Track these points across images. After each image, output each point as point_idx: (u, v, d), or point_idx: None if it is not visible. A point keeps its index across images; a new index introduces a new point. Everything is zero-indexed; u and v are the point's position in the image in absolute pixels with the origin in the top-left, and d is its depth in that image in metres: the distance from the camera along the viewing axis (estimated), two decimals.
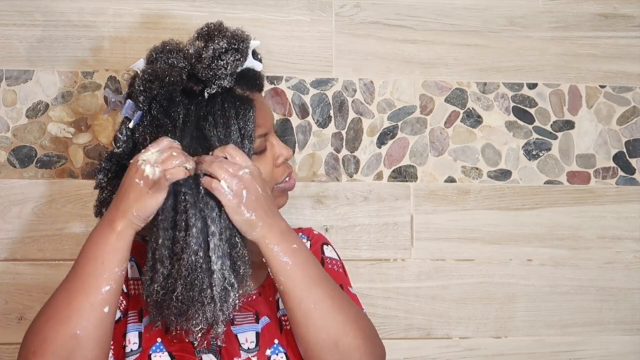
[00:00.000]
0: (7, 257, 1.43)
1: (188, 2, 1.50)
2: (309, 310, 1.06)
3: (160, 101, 1.08)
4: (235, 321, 1.14)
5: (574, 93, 1.58)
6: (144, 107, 1.09)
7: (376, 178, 1.53)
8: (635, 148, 1.59)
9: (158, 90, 1.07)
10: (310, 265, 1.08)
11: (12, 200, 1.44)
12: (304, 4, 1.53)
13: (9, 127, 1.45)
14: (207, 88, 1.09)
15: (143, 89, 1.08)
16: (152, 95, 1.08)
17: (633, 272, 1.57)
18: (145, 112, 1.09)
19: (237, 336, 1.13)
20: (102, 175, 1.15)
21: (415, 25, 1.56)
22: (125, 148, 1.12)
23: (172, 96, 1.08)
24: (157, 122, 1.08)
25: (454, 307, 1.53)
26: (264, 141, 1.16)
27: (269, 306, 1.18)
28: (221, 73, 1.09)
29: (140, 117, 1.10)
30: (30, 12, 1.46)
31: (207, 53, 1.09)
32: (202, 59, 1.09)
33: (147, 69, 1.09)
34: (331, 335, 1.06)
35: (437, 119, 1.55)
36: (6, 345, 1.42)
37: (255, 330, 1.14)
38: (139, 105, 1.09)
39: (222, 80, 1.09)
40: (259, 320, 1.16)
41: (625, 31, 1.60)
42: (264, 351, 1.13)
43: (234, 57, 1.10)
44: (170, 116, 1.08)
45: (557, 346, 1.54)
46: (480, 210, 1.54)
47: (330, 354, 1.06)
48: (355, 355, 1.08)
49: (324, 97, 1.52)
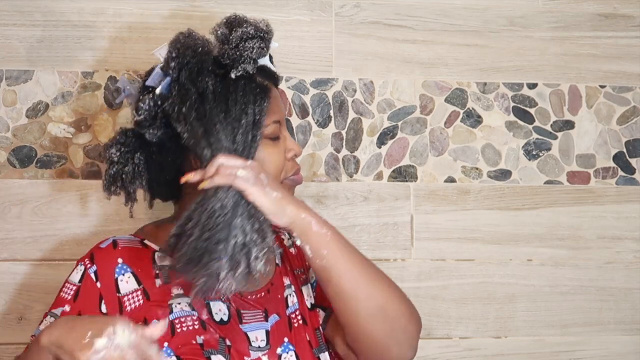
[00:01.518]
0: (7, 257, 1.43)
1: (188, 2, 1.50)
2: (357, 279, 1.07)
3: (191, 69, 1.09)
4: (244, 319, 1.13)
5: (574, 93, 1.58)
6: (173, 74, 1.10)
7: (376, 178, 1.53)
8: (635, 148, 1.59)
9: (190, 59, 1.09)
10: (343, 237, 1.10)
11: (12, 200, 1.44)
12: (304, 4, 1.53)
13: (9, 127, 1.45)
14: (232, 70, 1.11)
15: (175, 55, 1.09)
16: (184, 62, 1.09)
17: (633, 272, 1.57)
18: (174, 81, 1.10)
19: (247, 334, 1.12)
20: (114, 149, 1.15)
21: (415, 25, 1.56)
22: (147, 116, 1.11)
23: (203, 66, 1.10)
24: (184, 90, 1.09)
25: (454, 307, 1.53)
26: (278, 129, 1.17)
27: (278, 303, 1.18)
28: (247, 55, 1.12)
29: (168, 85, 1.11)
30: (30, 12, 1.46)
31: (236, 34, 1.13)
32: (230, 40, 1.13)
33: (179, 40, 1.12)
34: (379, 302, 1.08)
35: (437, 119, 1.55)
36: (6, 345, 1.42)
37: (265, 329, 1.14)
38: (168, 72, 1.10)
39: (246, 65, 1.12)
40: (268, 318, 1.15)
41: (625, 31, 1.60)
42: (275, 350, 1.12)
43: (259, 44, 1.13)
44: (198, 86, 1.09)
45: (557, 346, 1.54)
46: (480, 210, 1.54)
47: (380, 322, 1.08)
48: (402, 320, 1.10)
49: (324, 97, 1.52)
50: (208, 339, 1.08)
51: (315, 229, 1.07)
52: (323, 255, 1.07)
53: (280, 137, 1.18)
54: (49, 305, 1.41)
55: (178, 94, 1.09)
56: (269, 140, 1.15)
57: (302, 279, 1.24)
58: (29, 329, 1.41)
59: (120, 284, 1.11)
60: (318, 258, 1.07)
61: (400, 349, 1.11)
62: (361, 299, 1.07)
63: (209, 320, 1.10)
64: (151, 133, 1.12)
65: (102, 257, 1.13)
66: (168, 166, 1.17)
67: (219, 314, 1.11)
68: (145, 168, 1.17)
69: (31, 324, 1.41)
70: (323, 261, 1.07)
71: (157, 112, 1.11)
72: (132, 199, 1.19)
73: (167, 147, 1.15)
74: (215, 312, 1.11)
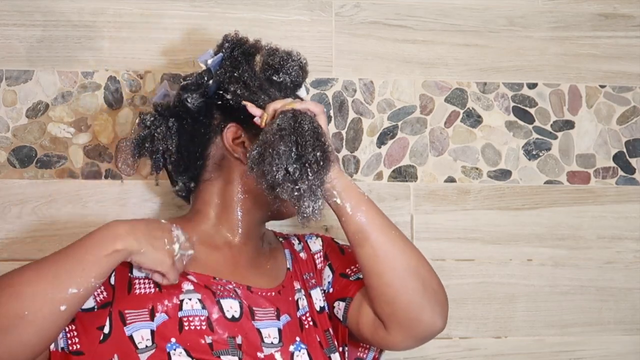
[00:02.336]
0: (7, 257, 1.43)
1: (188, 2, 1.50)
2: (392, 237, 1.13)
3: (244, 50, 1.23)
4: (257, 316, 1.13)
5: (574, 93, 1.58)
6: (226, 52, 1.22)
7: (376, 178, 1.53)
8: (635, 148, 1.59)
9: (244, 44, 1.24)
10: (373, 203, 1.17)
11: (12, 200, 1.44)
12: (304, 4, 1.53)
13: (9, 127, 1.45)
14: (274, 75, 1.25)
15: (231, 39, 1.24)
16: (239, 43, 1.23)
17: (633, 272, 1.57)
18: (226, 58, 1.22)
19: (259, 331, 1.12)
20: (149, 115, 1.22)
21: (415, 25, 1.56)
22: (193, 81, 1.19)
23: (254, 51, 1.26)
24: (236, 62, 1.21)
25: (454, 307, 1.52)
26: None
27: (289, 305, 1.18)
28: (288, 67, 1.25)
29: (220, 60, 1.22)
30: (30, 12, 1.46)
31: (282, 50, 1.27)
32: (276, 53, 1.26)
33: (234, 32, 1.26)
34: (412, 261, 1.13)
35: (437, 119, 1.55)
36: None
37: (277, 327, 1.14)
38: (221, 50, 1.22)
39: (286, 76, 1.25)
40: (280, 317, 1.15)
41: (625, 31, 1.60)
42: (288, 347, 1.12)
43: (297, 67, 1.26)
44: (249, 61, 1.23)
45: (557, 346, 1.54)
46: (480, 210, 1.54)
47: (415, 280, 1.12)
48: (434, 282, 1.15)
49: (324, 97, 1.52)
50: (217, 340, 1.08)
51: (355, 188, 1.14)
52: (363, 211, 1.12)
53: None
54: None
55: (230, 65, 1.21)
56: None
57: (312, 284, 1.25)
58: None
59: (134, 268, 1.11)
60: (358, 213, 1.12)
61: (433, 313, 1.14)
62: (397, 255, 1.12)
63: (220, 319, 1.10)
64: (193, 98, 1.19)
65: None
66: (198, 140, 1.21)
67: (230, 311, 1.11)
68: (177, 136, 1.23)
69: None
70: (362, 217, 1.12)
71: (203, 82, 1.19)
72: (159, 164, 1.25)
73: (201, 121, 1.21)
74: (227, 309, 1.11)
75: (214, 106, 1.21)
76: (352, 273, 1.24)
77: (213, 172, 1.21)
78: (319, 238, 1.32)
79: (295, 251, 1.29)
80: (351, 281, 1.23)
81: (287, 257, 1.26)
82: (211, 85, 1.20)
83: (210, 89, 1.20)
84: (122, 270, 1.10)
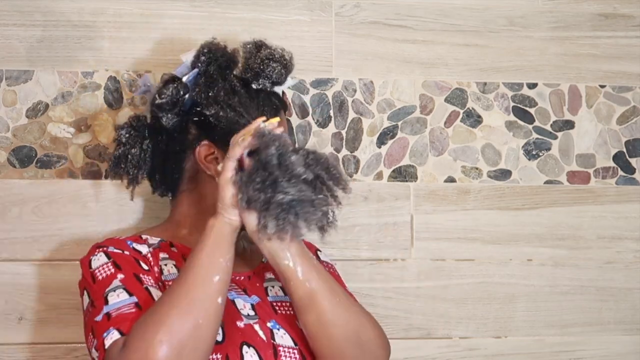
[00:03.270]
0: (7, 257, 1.43)
1: (188, 2, 1.50)
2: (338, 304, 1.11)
3: (220, 64, 1.21)
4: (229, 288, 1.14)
5: (574, 93, 1.58)
6: (202, 67, 1.20)
7: (376, 178, 1.52)
8: (635, 148, 1.59)
9: (220, 56, 1.22)
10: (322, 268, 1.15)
11: (12, 200, 1.44)
12: (304, 4, 1.53)
13: (9, 127, 1.45)
14: (254, 82, 1.23)
15: (207, 51, 1.22)
16: (214, 57, 1.21)
17: (633, 272, 1.57)
18: (202, 73, 1.20)
19: (234, 301, 1.13)
20: (125, 131, 1.23)
21: (415, 25, 1.56)
22: (168, 100, 1.18)
23: (230, 64, 1.23)
24: (211, 80, 1.20)
25: (454, 307, 1.52)
26: None
27: (258, 290, 1.20)
28: (268, 72, 1.23)
29: (195, 76, 1.20)
30: (30, 12, 1.46)
31: (263, 52, 1.25)
32: (257, 56, 1.24)
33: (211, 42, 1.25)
34: (354, 328, 1.12)
35: (437, 119, 1.55)
36: (6, 346, 1.42)
37: (250, 302, 1.15)
38: (197, 65, 1.20)
39: (265, 81, 1.24)
40: (250, 296, 1.17)
41: (625, 31, 1.60)
42: (265, 322, 1.13)
43: (280, 69, 1.25)
44: (226, 78, 1.20)
45: (557, 346, 1.54)
46: (480, 210, 1.54)
47: (354, 347, 1.12)
48: (373, 345, 1.14)
49: (323, 97, 1.52)
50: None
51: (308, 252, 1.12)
52: (314, 278, 1.10)
53: None
54: (50, 305, 1.42)
55: (205, 83, 1.19)
56: None
57: None
58: (29, 329, 1.41)
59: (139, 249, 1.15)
60: (307, 281, 1.09)
61: None
62: (339, 324, 1.11)
63: None
64: (168, 118, 1.20)
65: (107, 241, 1.17)
66: (172, 157, 1.23)
67: None
68: (151, 156, 1.25)
69: (31, 324, 1.42)
70: (312, 284, 1.10)
71: (179, 99, 1.19)
72: (134, 182, 1.27)
73: (175, 138, 1.22)
74: None
75: (189, 121, 1.22)
76: None
77: (189, 184, 1.24)
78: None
79: None
80: None
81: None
82: (187, 101, 1.20)
83: (185, 105, 1.21)
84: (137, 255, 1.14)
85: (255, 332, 1.11)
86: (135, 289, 1.07)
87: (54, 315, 1.41)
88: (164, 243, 1.20)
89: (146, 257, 1.15)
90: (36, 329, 1.42)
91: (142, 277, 1.09)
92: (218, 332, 1.05)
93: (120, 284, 1.07)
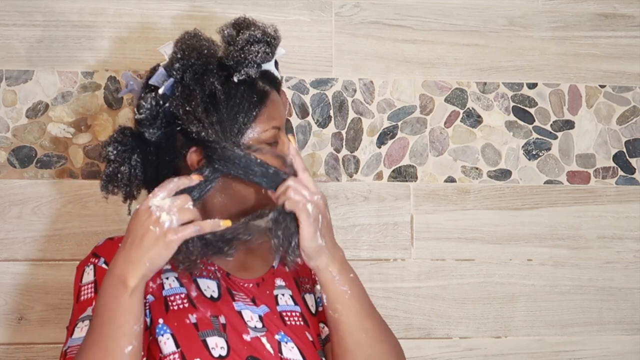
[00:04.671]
0: (7, 257, 1.43)
1: (188, 2, 1.50)
2: (361, 339, 1.09)
3: (195, 71, 1.10)
4: (236, 298, 1.13)
5: (574, 93, 1.58)
6: (177, 75, 1.10)
7: (376, 178, 1.53)
8: (635, 148, 1.59)
9: (195, 61, 1.10)
10: (364, 296, 1.12)
11: (12, 200, 1.44)
12: (304, 4, 1.53)
13: (9, 127, 1.45)
14: (235, 73, 1.12)
15: (180, 56, 1.09)
16: (188, 64, 1.09)
17: (633, 272, 1.57)
18: (178, 82, 1.10)
19: (240, 313, 1.12)
20: (111, 147, 1.15)
21: (415, 25, 1.56)
22: (148, 115, 1.11)
23: (208, 68, 1.11)
24: (188, 91, 1.09)
25: (454, 307, 1.53)
26: (277, 134, 1.17)
27: (268, 298, 1.18)
28: (251, 59, 1.11)
29: (172, 86, 1.11)
30: (30, 12, 1.46)
31: (242, 37, 1.12)
32: (236, 42, 1.12)
33: (185, 41, 1.11)
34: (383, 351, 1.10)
35: (437, 119, 1.55)
36: (6, 345, 1.42)
37: (258, 313, 1.14)
38: (172, 73, 1.10)
39: (249, 69, 1.12)
40: (258, 306, 1.15)
41: (625, 31, 1.60)
42: (273, 335, 1.12)
43: (264, 48, 1.13)
44: (203, 86, 1.10)
45: (557, 346, 1.54)
46: (480, 210, 1.54)
47: None
48: None
49: (324, 97, 1.52)
50: (200, 318, 1.08)
51: (336, 284, 1.09)
52: (336, 309, 1.09)
53: (279, 142, 1.17)
54: (50, 305, 1.42)
55: (182, 95, 1.10)
56: (267, 145, 1.14)
57: (306, 288, 1.24)
58: (29, 329, 1.42)
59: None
60: (331, 310, 1.10)
61: None
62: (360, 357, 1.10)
63: (199, 297, 1.11)
64: (151, 132, 1.13)
65: (104, 249, 1.15)
66: (164, 167, 1.17)
67: (208, 290, 1.12)
68: (142, 169, 1.18)
69: (31, 324, 1.42)
70: (335, 314, 1.09)
71: (159, 111, 1.11)
72: (130, 197, 1.20)
73: (164, 148, 1.15)
74: (204, 288, 1.12)
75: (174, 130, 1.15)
76: None
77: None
78: None
79: None
80: None
81: (277, 258, 1.23)
82: (167, 111, 1.13)
83: (167, 115, 1.13)
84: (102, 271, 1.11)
85: (262, 346, 1.10)
86: None
87: (54, 315, 1.42)
88: None
89: None
90: (36, 329, 1.42)
91: None
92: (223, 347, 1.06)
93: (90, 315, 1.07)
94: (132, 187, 1.18)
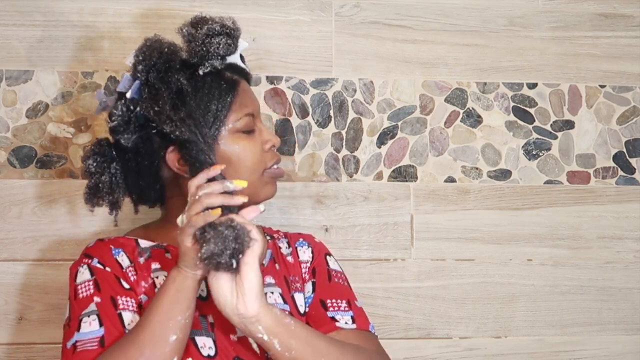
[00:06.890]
0: (7, 257, 1.43)
1: (188, 2, 1.50)
2: None
3: (159, 69, 1.11)
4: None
5: (574, 93, 1.58)
6: (142, 77, 1.11)
7: (376, 178, 1.53)
8: (635, 148, 1.59)
9: (156, 60, 1.11)
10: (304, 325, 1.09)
11: (12, 200, 1.44)
12: (304, 4, 1.53)
13: (9, 127, 1.45)
14: (200, 67, 1.14)
15: (142, 58, 1.12)
16: (151, 63, 1.11)
17: (633, 272, 1.57)
18: (143, 83, 1.12)
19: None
20: (91, 160, 1.18)
21: (415, 25, 1.56)
22: (120, 121, 1.13)
23: (170, 65, 1.12)
24: (154, 91, 1.11)
25: (454, 307, 1.53)
26: (252, 122, 1.18)
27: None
28: (213, 51, 1.14)
29: (138, 88, 1.12)
30: (30, 12, 1.46)
31: (201, 31, 1.15)
32: (196, 38, 1.15)
33: (145, 44, 1.14)
34: None
35: (437, 119, 1.55)
36: (6, 345, 1.42)
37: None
38: (136, 75, 1.12)
39: (213, 61, 1.14)
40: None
41: (625, 31, 1.60)
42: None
43: (225, 40, 1.16)
44: (168, 84, 1.11)
45: (557, 346, 1.54)
46: (480, 210, 1.54)
47: None
48: None
49: (323, 97, 1.52)
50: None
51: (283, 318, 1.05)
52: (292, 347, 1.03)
53: (255, 130, 1.19)
54: (49, 305, 1.42)
55: (149, 96, 1.11)
56: (243, 133, 1.16)
57: (296, 287, 1.23)
58: (29, 329, 1.42)
59: (120, 261, 1.14)
60: (287, 350, 1.03)
61: None
62: None
63: None
64: (126, 138, 1.15)
65: (95, 250, 1.16)
66: (145, 171, 1.19)
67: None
68: (123, 177, 1.20)
69: (31, 324, 1.42)
70: (292, 352, 1.04)
71: (130, 116, 1.13)
72: (115, 207, 1.22)
73: (142, 152, 1.17)
74: None
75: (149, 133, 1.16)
76: (331, 307, 1.20)
77: (174, 190, 1.20)
78: (310, 247, 1.28)
79: (281, 254, 1.26)
80: (327, 318, 1.19)
81: (267, 256, 1.23)
82: (139, 114, 1.14)
83: (139, 119, 1.15)
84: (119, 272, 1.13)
85: (249, 345, 1.10)
86: (107, 317, 1.07)
87: (54, 315, 1.41)
88: (158, 250, 1.18)
89: (126, 274, 1.13)
90: (36, 329, 1.42)
91: (118, 300, 1.09)
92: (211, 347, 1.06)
93: (95, 309, 1.08)
94: (114, 196, 1.21)
